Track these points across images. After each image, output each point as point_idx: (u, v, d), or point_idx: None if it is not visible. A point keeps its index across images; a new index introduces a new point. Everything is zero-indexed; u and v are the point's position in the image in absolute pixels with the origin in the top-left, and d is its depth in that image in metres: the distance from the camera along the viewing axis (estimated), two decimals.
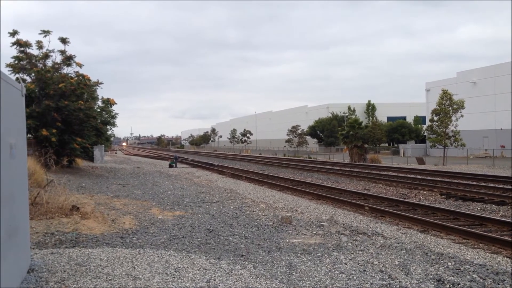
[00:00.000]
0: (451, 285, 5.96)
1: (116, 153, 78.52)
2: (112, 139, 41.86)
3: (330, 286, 5.81)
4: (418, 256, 7.49)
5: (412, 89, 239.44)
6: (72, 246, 7.55)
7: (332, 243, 8.45)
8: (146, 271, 5.92)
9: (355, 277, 6.19)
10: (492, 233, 9.66)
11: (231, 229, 9.76)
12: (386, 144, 75.95)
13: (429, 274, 6.42)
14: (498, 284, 6.11)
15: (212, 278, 5.79)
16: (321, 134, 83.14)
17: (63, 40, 23.71)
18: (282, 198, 15.46)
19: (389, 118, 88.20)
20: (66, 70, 23.93)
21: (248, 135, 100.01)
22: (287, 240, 8.64)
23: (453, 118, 37.95)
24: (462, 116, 38.14)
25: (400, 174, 25.11)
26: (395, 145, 72.79)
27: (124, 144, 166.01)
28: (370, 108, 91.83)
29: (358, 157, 42.86)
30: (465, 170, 28.28)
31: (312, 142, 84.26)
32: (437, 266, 6.88)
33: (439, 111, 38.40)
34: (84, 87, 23.38)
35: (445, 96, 38.34)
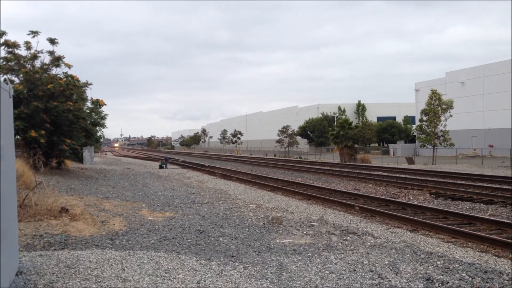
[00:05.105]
0: (440, 284, 6.00)
1: (106, 154, 78.11)
2: (102, 140, 41.55)
3: (321, 286, 5.83)
4: (408, 255, 7.53)
5: (401, 90, 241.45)
6: (61, 248, 7.49)
7: (323, 243, 8.47)
8: (135, 273, 5.89)
9: (345, 277, 6.21)
10: (480, 232, 9.74)
11: (221, 230, 9.75)
12: (376, 144, 76.40)
13: (418, 273, 6.46)
14: (487, 282, 6.17)
15: (203, 279, 5.77)
16: (311, 135, 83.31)
17: (52, 41, 23.51)
18: (272, 199, 15.47)
19: (379, 118, 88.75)
20: (55, 71, 23.75)
21: (238, 135, 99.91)
22: (278, 241, 8.65)
23: (442, 118, 38.27)
24: (451, 116, 38.47)
25: (390, 174, 25.25)
26: (385, 145, 73.19)
27: (116, 145, 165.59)
28: (360, 109, 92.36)
29: (348, 157, 43.05)
30: (454, 170, 28.50)
31: (302, 143, 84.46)
32: (426, 265, 6.93)
33: (428, 111, 38.70)
34: (73, 88, 23.21)
35: (434, 96, 38.65)
